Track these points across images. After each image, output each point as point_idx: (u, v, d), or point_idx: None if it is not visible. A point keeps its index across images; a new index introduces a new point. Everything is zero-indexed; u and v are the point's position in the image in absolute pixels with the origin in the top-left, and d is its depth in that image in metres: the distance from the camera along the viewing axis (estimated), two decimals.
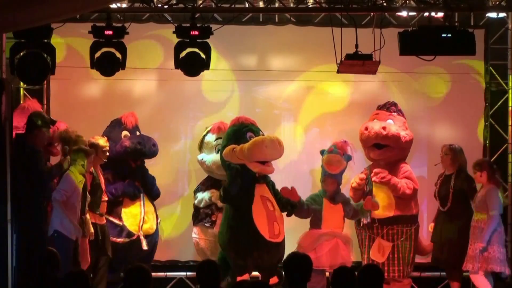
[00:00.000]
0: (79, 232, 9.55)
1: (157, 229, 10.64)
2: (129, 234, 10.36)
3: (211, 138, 10.76)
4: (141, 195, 10.54)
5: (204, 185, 10.81)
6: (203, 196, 10.68)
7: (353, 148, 10.40)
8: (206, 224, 10.62)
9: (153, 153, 10.61)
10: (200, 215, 10.69)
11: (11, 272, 9.12)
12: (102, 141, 10.17)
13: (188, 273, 11.17)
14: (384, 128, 10.43)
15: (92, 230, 9.81)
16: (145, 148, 10.48)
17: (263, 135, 10.32)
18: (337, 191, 10.25)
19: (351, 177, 10.68)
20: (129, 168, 10.54)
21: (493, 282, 10.05)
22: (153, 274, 6.91)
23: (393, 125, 10.54)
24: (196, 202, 10.77)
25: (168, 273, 11.30)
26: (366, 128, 10.52)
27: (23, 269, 9.18)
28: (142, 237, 10.37)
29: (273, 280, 10.09)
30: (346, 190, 10.61)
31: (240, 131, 10.33)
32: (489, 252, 9.88)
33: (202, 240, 10.66)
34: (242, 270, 10.09)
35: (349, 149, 10.28)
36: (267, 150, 10.06)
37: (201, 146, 10.86)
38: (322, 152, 10.30)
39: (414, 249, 10.49)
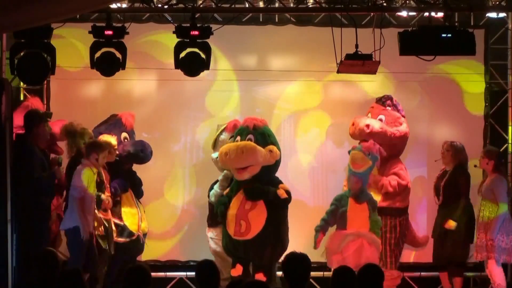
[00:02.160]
0: (93, 229, 9.56)
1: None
2: (130, 233, 10.33)
3: (226, 136, 10.67)
4: (132, 195, 10.48)
5: (220, 185, 10.78)
6: (214, 190, 10.68)
7: (382, 150, 10.32)
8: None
9: (148, 160, 10.58)
10: (218, 217, 10.64)
11: (11, 272, 9.14)
12: (113, 140, 10.16)
13: (188, 273, 11.17)
14: (367, 126, 10.46)
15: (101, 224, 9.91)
16: (144, 155, 10.45)
17: (249, 140, 10.16)
18: (361, 190, 10.16)
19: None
20: (121, 169, 10.44)
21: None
22: (153, 274, 6.91)
23: (377, 123, 10.54)
24: (210, 201, 10.72)
25: (168, 273, 11.30)
26: (353, 124, 10.62)
27: (23, 269, 9.21)
28: (141, 236, 10.36)
29: (260, 277, 10.10)
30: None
31: (235, 134, 10.41)
32: (502, 242, 10.02)
33: (220, 242, 10.62)
34: (233, 263, 10.26)
35: (376, 150, 10.23)
36: (227, 158, 10.07)
37: (215, 144, 10.77)
38: (349, 152, 10.30)
39: (398, 240, 10.54)
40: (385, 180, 10.51)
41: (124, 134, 10.57)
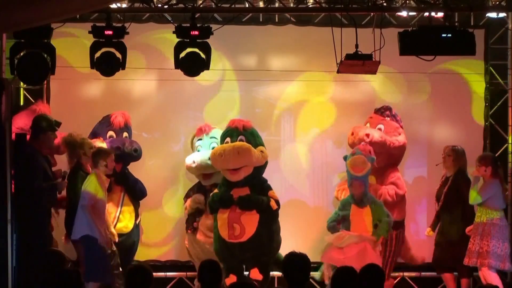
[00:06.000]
0: (107, 241, 9.49)
1: (135, 228, 10.55)
2: None
3: (194, 140, 10.82)
4: (122, 194, 10.47)
5: (192, 190, 10.82)
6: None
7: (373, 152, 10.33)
8: (189, 231, 10.67)
9: (134, 158, 10.53)
10: (187, 223, 10.72)
11: (11, 272, 9.14)
12: (103, 144, 10.13)
13: (188, 273, 11.17)
14: (367, 135, 10.43)
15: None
16: (124, 154, 10.35)
17: (241, 140, 10.25)
18: (364, 193, 10.05)
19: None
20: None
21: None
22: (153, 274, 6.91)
23: (377, 132, 10.53)
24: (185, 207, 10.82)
25: (168, 273, 11.30)
26: (352, 133, 10.56)
27: (23, 269, 9.20)
28: (112, 235, 10.12)
29: (256, 275, 10.12)
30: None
31: (223, 136, 10.46)
32: (497, 248, 10.02)
33: (190, 247, 10.69)
34: (227, 272, 10.18)
35: (371, 151, 10.21)
36: (222, 159, 10.09)
37: (193, 149, 10.88)
38: (345, 158, 10.18)
39: (393, 254, 10.54)
40: (384, 189, 10.52)
41: (110, 133, 10.56)
